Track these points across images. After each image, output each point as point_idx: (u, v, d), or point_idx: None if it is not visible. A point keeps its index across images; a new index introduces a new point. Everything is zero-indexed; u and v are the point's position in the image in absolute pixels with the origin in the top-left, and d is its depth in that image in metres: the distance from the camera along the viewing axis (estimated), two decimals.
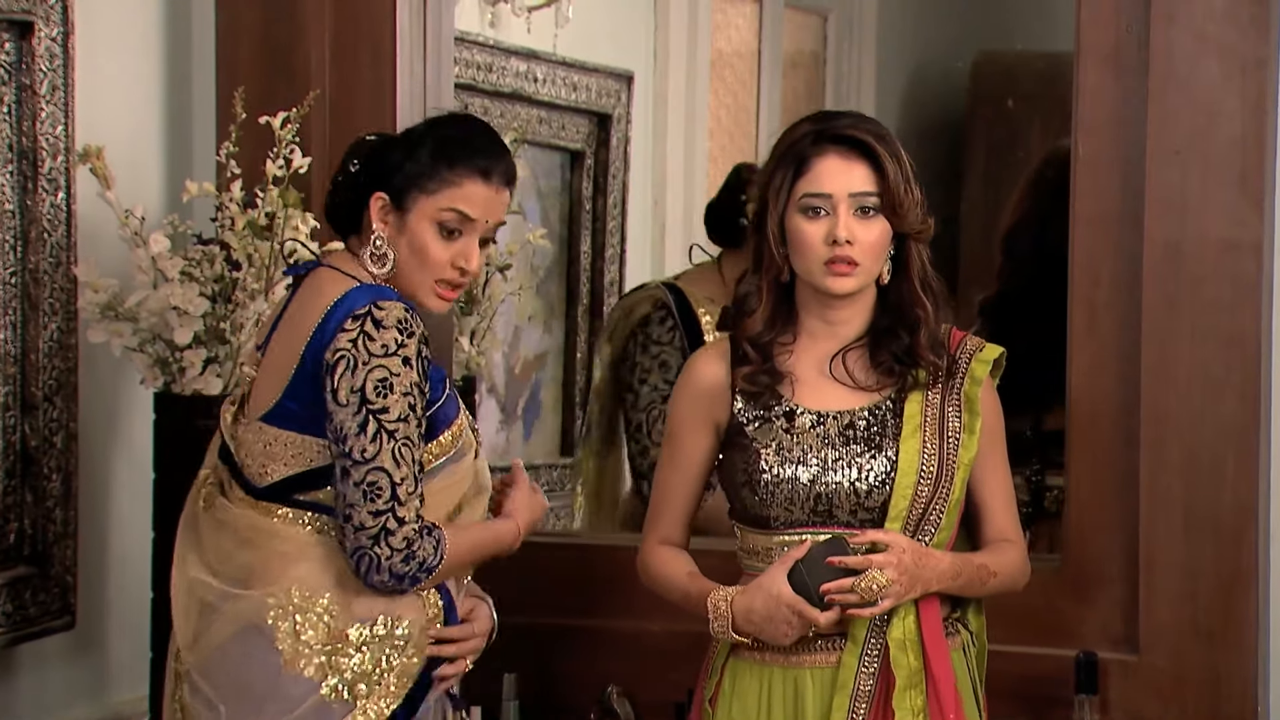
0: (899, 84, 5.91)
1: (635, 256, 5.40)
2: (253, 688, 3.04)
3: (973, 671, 3.18)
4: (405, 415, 2.98)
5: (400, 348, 2.99)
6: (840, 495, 3.10)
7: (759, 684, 3.15)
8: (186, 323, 3.69)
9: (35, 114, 3.68)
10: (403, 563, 2.98)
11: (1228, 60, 3.61)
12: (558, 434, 5.25)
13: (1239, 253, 3.62)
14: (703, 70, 5.63)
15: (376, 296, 3.02)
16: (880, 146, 3.09)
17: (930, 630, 3.09)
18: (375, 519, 2.96)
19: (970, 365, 3.14)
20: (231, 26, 4.06)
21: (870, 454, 3.10)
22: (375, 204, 3.09)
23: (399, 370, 2.98)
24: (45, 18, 3.69)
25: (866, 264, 3.10)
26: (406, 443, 2.98)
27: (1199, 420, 3.63)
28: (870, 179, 3.10)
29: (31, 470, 3.72)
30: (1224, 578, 3.62)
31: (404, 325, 3.00)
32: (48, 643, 3.82)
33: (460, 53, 4.59)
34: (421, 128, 3.15)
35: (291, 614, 3.03)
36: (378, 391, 2.98)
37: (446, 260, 3.10)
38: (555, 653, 3.84)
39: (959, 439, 3.11)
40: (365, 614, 3.04)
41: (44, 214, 3.71)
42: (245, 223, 3.73)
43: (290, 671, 3.02)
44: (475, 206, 3.09)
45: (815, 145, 3.11)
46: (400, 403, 2.98)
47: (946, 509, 3.10)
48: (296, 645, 3.03)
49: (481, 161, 3.10)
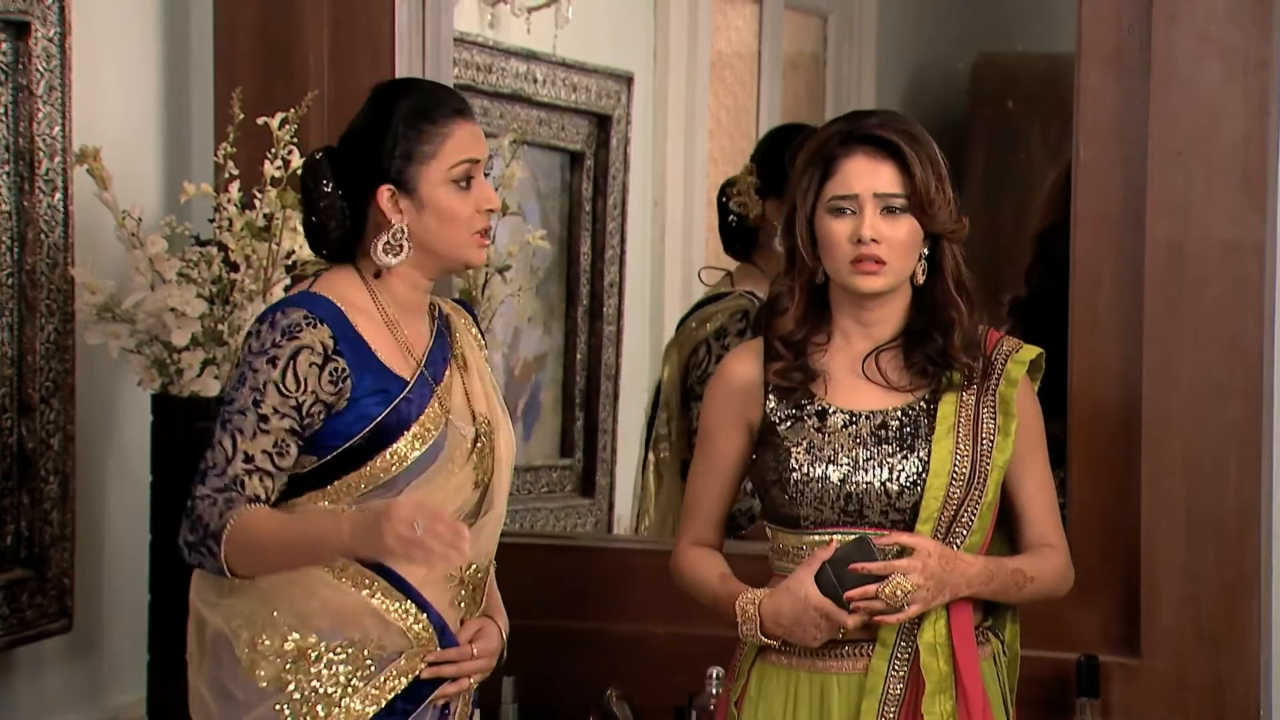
0: (899, 85, 5.89)
1: (635, 258, 5.38)
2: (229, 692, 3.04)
3: (1003, 681, 3.16)
4: (244, 409, 2.97)
5: (274, 348, 2.98)
6: (871, 495, 3.09)
7: (785, 687, 3.14)
8: (184, 324, 3.68)
9: (32, 114, 3.67)
10: (190, 531, 2.96)
11: (1230, 61, 3.60)
12: (557, 435, 5.23)
13: (1241, 254, 3.61)
14: (703, 71, 5.62)
15: (286, 304, 3.04)
16: (908, 146, 3.08)
17: (961, 635, 3.07)
18: (192, 492, 2.98)
19: (1006, 366, 3.12)
20: (229, 26, 4.05)
21: (902, 454, 3.09)
22: (384, 199, 3.05)
23: (260, 367, 2.98)
24: (42, 18, 3.68)
25: (894, 263, 3.09)
26: (236, 432, 2.97)
27: (1201, 422, 3.61)
28: (897, 179, 3.08)
29: (28, 472, 3.71)
30: (1226, 580, 3.61)
31: (289, 329, 3.00)
32: (45, 646, 3.81)
33: (460, 53, 4.58)
34: (373, 110, 3.11)
35: (254, 624, 3.01)
36: (233, 386, 3.00)
37: (472, 210, 3.08)
38: (554, 656, 3.83)
39: (993, 441, 3.09)
40: (326, 628, 3.00)
41: (41, 215, 3.70)
42: (243, 224, 3.72)
43: (247, 680, 3.01)
44: (473, 146, 3.08)
45: (843, 146, 3.11)
46: (246, 395, 2.98)
47: (979, 511, 3.08)
48: (254, 655, 3.01)
49: (451, 103, 3.09)
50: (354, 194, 3.08)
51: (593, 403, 5.22)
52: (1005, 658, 3.17)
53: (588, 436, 5.21)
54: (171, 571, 3.73)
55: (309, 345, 2.99)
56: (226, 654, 3.03)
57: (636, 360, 5.34)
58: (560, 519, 5.01)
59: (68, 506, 3.78)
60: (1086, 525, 3.70)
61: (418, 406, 3.06)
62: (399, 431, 3.04)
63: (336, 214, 3.08)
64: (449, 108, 3.09)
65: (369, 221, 3.09)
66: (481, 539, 3.10)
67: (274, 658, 3.00)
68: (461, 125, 3.08)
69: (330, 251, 3.12)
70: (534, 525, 4.84)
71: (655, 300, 5.46)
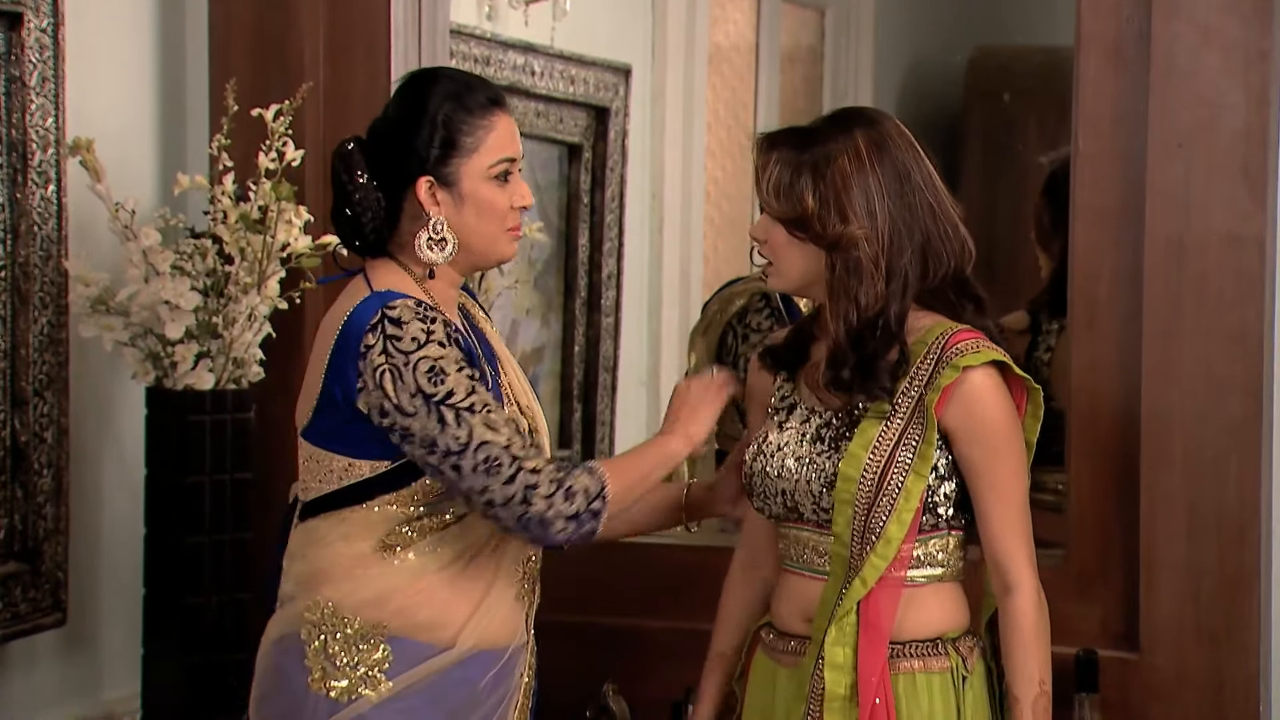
0: (896, 78, 5.88)
1: (633, 250, 5.38)
2: (276, 699, 3.01)
3: (960, 698, 3.05)
4: (471, 389, 2.89)
5: (430, 335, 2.90)
6: (800, 493, 3.06)
7: (766, 677, 3.15)
8: (178, 317, 3.66)
9: (25, 106, 3.66)
10: (565, 501, 2.87)
11: (1230, 53, 3.58)
12: (556, 427, 5.23)
13: (1242, 247, 3.59)
14: (700, 64, 5.61)
15: (381, 302, 2.94)
16: (779, 148, 3.05)
17: (867, 663, 2.99)
18: (511, 485, 2.87)
19: (943, 372, 3.00)
20: (224, 17, 4.03)
21: (827, 454, 3.04)
22: (423, 191, 3.00)
23: (441, 354, 2.90)
24: (35, 8, 3.66)
25: (777, 264, 3.06)
26: (488, 408, 2.88)
27: (1201, 417, 3.60)
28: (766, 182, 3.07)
29: (22, 466, 3.70)
30: (1226, 576, 3.60)
31: (422, 314, 2.92)
32: (39, 640, 3.80)
33: (457, 46, 4.57)
34: (408, 99, 3.05)
35: (324, 632, 2.98)
36: (432, 381, 2.89)
37: (508, 206, 3.05)
38: (551, 650, 3.81)
39: (915, 448, 3.01)
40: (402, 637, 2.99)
41: (34, 207, 3.69)
42: (238, 216, 3.70)
43: (316, 690, 2.98)
44: (512, 144, 3.05)
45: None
46: (460, 380, 2.89)
47: (891, 517, 2.99)
48: (325, 664, 2.98)
49: (488, 93, 3.05)
50: (388, 185, 3.02)
51: (591, 395, 5.22)
52: (970, 674, 3.07)
53: (586, 428, 5.21)
54: (166, 565, 3.73)
55: (446, 322, 2.94)
56: (293, 658, 3.05)
57: (635, 352, 5.34)
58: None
59: (61, 500, 3.77)
60: (1086, 520, 3.69)
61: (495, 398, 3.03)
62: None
63: (372, 205, 3.02)
64: (487, 98, 3.04)
65: (403, 214, 3.04)
66: None
67: (346, 668, 3.00)
68: (501, 117, 3.04)
69: (364, 245, 3.06)
70: None
71: (653, 292, 5.46)
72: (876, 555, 2.99)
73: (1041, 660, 3.03)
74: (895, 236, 3.00)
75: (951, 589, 3.09)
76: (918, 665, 3.04)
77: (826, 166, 2.99)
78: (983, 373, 3.01)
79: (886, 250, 3.00)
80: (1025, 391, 3.06)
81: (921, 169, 3.04)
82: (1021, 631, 3.02)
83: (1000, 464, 3.02)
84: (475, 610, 3.02)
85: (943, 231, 3.03)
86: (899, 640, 3.03)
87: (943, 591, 3.07)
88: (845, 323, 3.00)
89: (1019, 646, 3.02)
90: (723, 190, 5.56)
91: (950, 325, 3.04)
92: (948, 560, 3.07)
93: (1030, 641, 3.02)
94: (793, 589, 3.10)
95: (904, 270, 3.01)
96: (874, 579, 3.00)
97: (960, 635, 3.09)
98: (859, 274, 2.99)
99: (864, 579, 2.99)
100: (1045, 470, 3.97)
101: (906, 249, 3.01)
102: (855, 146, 3.00)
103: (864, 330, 3.00)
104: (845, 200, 2.98)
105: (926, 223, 3.02)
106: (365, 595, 2.98)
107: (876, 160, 3.00)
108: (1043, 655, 3.03)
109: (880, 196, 2.99)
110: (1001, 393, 3.03)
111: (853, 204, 2.98)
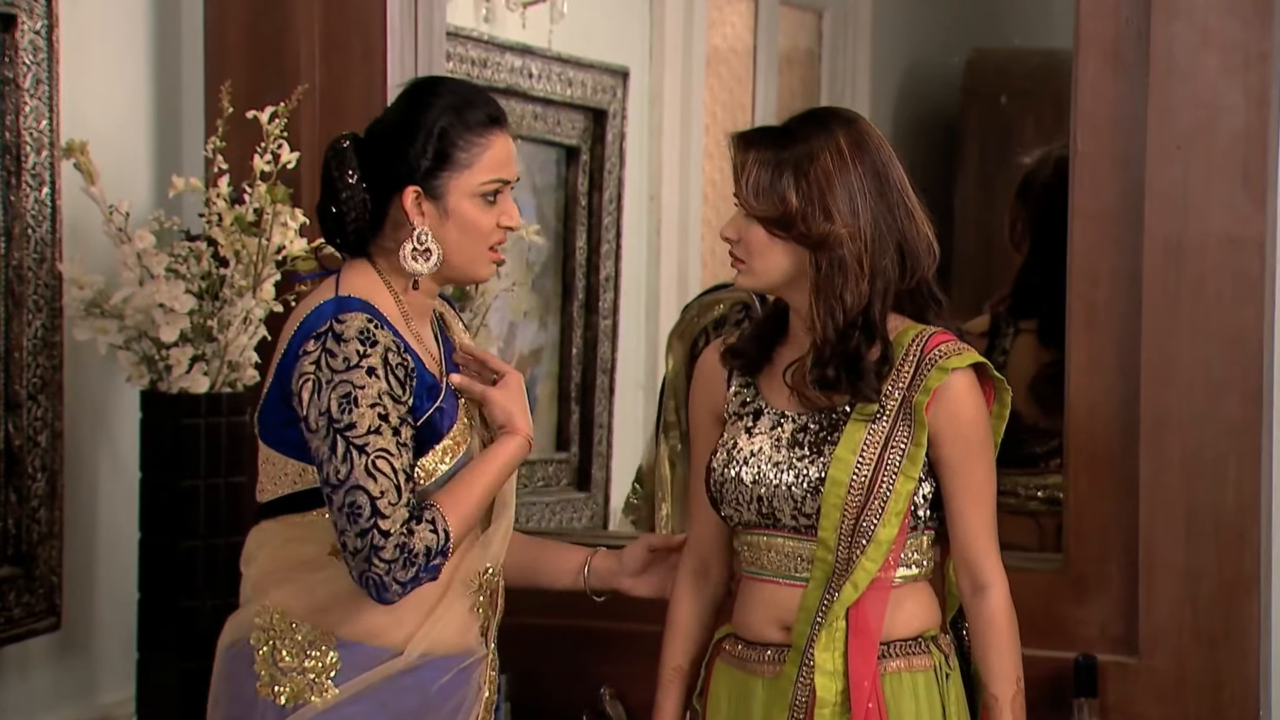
0: (894, 80, 5.88)
1: (631, 252, 5.38)
2: (227, 705, 3.01)
3: (945, 696, 3.05)
4: (375, 427, 2.86)
5: (363, 359, 2.88)
6: (779, 498, 3.03)
7: (729, 686, 3.13)
8: (173, 320, 3.65)
9: (19, 108, 3.65)
10: (403, 568, 2.85)
11: (1230, 54, 3.57)
12: (553, 429, 5.23)
13: (1241, 249, 3.58)
14: (698, 66, 5.61)
15: (339, 310, 2.92)
16: (753, 147, 3.04)
17: (858, 665, 2.99)
18: (362, 540, 2.84)
19: (930, 373, 3.01)
20: (219, 18, 4.03)
21: (809, 459, 3.02)
22: (409, 200, 2.98)
23: (363, 382, 2.87)
24: (28, 10, 3.65)
25: (751, 262, 3.04)
26: (381, 454, 2.86)
27: (1200, 419, 3.59)
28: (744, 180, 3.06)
29: (16, 469, 3.69)
30: (1226, 579, 3.58)
31: (365, 335, 2.89)
32: (33, 644, 3.79)
33: (454, 48, 4.56)
34: (408, 106, 3.02)
35: (273, 638, 2.97)
36: (342, 408, 2.86)
37: (493, 226, 3.03)
38: (548, 654, 3.80)
39: (904, 450, 3.00)
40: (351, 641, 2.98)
41: (28, 209, 3.68)
42: (233, 219, 3.69)
43: (264, 695, 2.97)
44: (507, 167, 3.02)
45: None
46: (368, 415, 2.86)
47: (881, 520, 2.99)
48: (272, 670, 2.97)
49: (489, 110, 3.01)
50: (376, 189, 3.00)
51: (589, 397, 5.22)
52: (952, 671, 3.07)
53: (584, 430, 5.21)
54: (161, 569, 3.72)
55: (389, 346, 2.91)
56: (242, 664, 3.04)
57: (632, 354, 5.34)
58: (556, 513, 5.00)
59: (56, 504, 3.76)
60: (1084, 523, 3.68)
61: (449, 418, 3.02)
62: (429, 445, 2.99)
63: (357, 206, 3.00)
64: (488, 116, 3.01)
65: (387, 219, 3.02)
66: (495, 543, 3.07)
67: (294, 673, 2.99)
68: (499, 137, 3.01)
69: (345, 244, 3.05)
70: (530, 520, 4.83)
71: (651, 294, 5.46)
72: (868, 559, 2.98)
73: (1016, 658, 3.04)
74: (877, 235, 3.00)
75: (925, 587, 3.10)
76: (902, 664, 3.04)
77: (809, 165, 2.98)
78: (963, 375, 3.02)
79: (869, 249, 2.99)
80: (994, 392, 3.08)
81: (896, 169, 3.04)
82: (998, 630, 3.03)
83: (977, 464, 3.04)
84: (426, 617, 3.00)
85: (917, 231, 3.04)
86: (884, 640, 3.03)
87: (919, 590, 3.08)
88: (832, 321, 2.99)
89: (995, 646, 3.03)
90: (720, 192, 5.56)
91: (922, 328, 3.05)
92: (923, 560, 3.08)
93: (1006, 640, 3.03)
94: (763, 597, 3.08)
95: (886, 269, 3.01)
96: (865, 583, 2.99)
97: (938, 633, 3.10)
98: (844, 272, 2.99)
99: (855, 583, 2.99)
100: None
101: (888, 248, 3.01)
102: (837, 145, 2.99)
103: (848, 329, 3.00)
104: (829, 198, 2.98)
105: (903, 223, 3.02)
106: (314, 600, 2.98)
107: (858, 159, 3.00)
108: (1018, 653, 3.04)
109: (863, 195, 2.99)
110: (979, 394, 3.04)
111: (836, 202, 2.98)
